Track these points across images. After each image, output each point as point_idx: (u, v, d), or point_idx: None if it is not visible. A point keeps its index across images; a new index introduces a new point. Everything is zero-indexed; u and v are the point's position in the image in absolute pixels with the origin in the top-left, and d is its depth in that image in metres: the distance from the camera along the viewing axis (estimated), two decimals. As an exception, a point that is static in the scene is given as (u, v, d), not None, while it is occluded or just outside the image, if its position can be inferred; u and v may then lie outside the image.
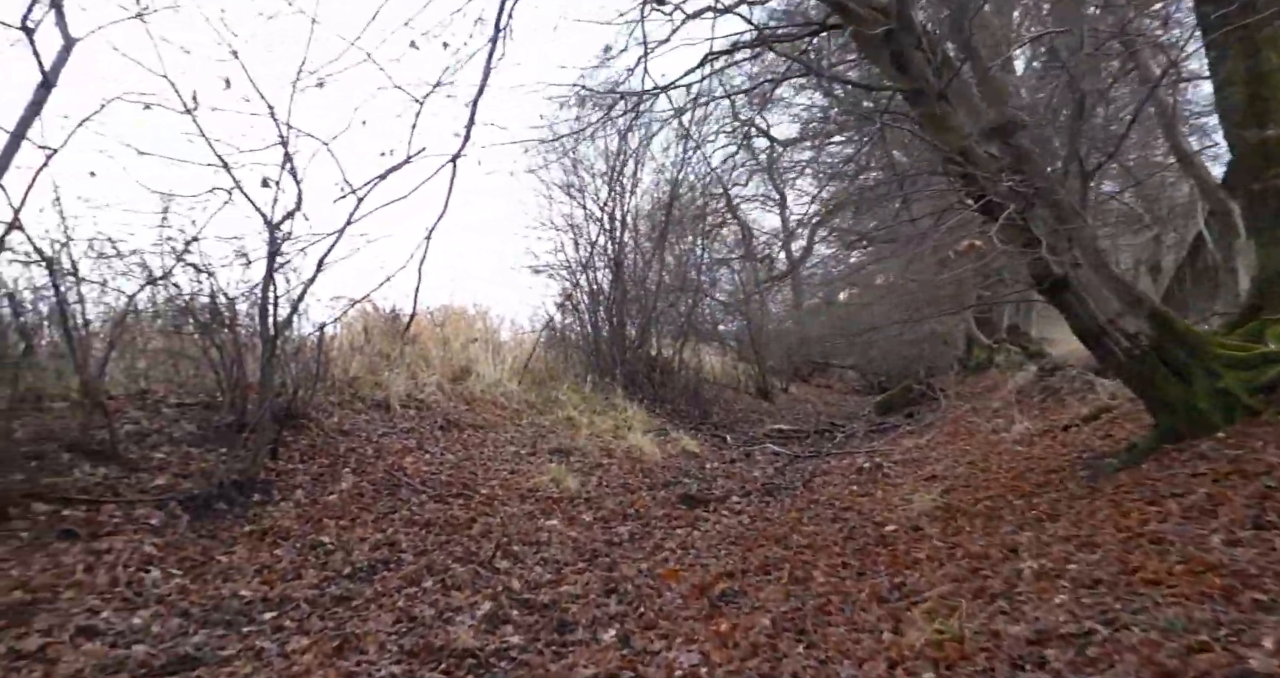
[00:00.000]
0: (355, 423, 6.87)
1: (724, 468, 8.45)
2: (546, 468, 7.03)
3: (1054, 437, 6.23)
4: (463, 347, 9.59)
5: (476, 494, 5.99)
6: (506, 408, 9.04)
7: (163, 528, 4.07)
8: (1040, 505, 4.11)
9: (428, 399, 8.11)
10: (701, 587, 4.03)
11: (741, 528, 5.47)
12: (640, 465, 7.99)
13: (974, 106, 5.12)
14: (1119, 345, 4.54)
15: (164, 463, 4.79)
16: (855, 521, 5.12)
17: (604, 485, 6.96)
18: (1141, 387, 4.61)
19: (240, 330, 5.96)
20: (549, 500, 6.17)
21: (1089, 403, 6.81)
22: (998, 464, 5.82)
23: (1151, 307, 4.57)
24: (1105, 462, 4.65)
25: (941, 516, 4.58)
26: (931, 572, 3.50)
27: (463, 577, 4.16)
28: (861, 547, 4.35)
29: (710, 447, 10.01)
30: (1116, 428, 5.61)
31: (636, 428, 9.75)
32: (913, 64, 4.96)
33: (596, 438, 8.74)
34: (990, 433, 7.65)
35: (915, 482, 6.06)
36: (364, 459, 6.07)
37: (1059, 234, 4.67)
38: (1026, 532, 3.67)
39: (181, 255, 5.50)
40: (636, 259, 13.55)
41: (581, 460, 7.70)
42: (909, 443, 8.45)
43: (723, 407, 14.23)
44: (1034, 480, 4.87)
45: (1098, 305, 4.59)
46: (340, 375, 7.67)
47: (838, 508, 5.64)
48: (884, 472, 6.75)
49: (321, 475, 5.54)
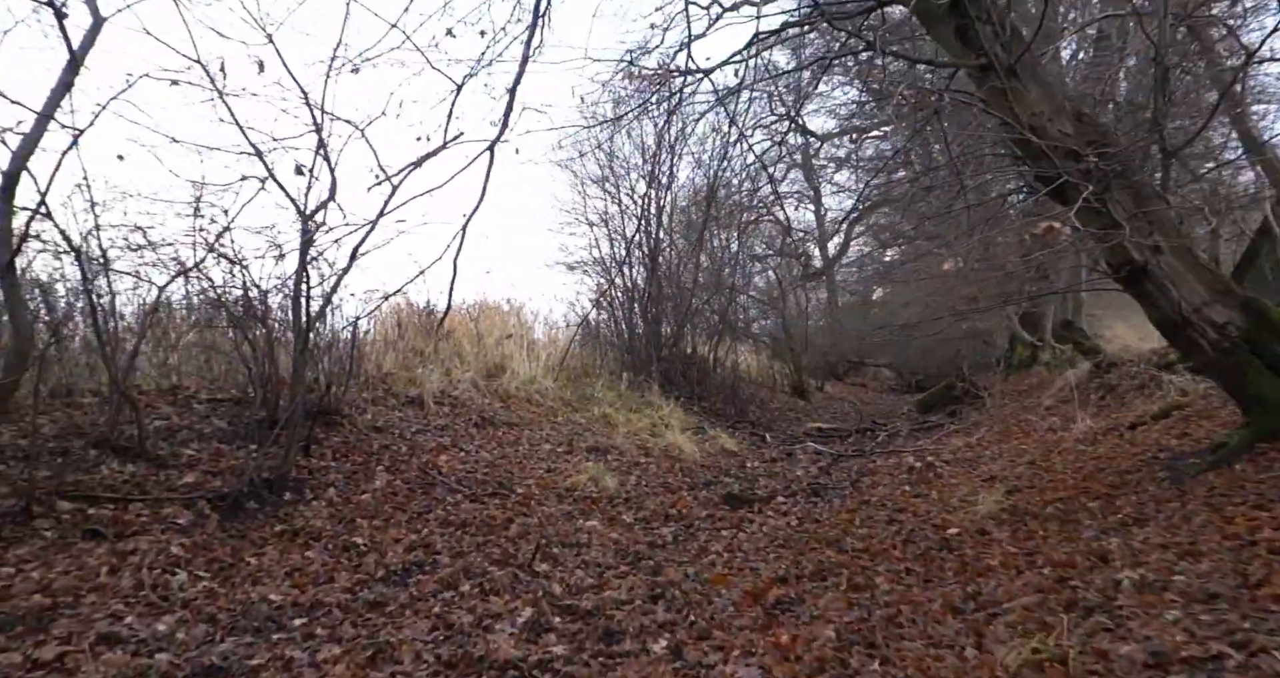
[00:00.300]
0: (389, 420, 6.71)
1: (765, 467, 8.18)
2: (584, 467, 6.81)
3: (1120, 435, 5.87)
4: (497, 343, 9.42)
5: (513, 493, 5.79)
6: (542, 405, 8.85)
7: (191, 528, 3.91)
8: (1122, 508, 3.79)
9: (462, 396, 7.95)
10: (754, 593, 3.77)
11: (790, 530, 5.19)
12: (679, 464, 7.75)
13: (1046, 83, 4.79)
14: (1205, 337, 4.20)
15: (194, 460, 4.64)
16: (912, 523, 4.82)
17: (643, 485, 6.72)
18: (1231, 382, 4.26)
19: (273, 324, 5.82)
20: (587, 500, 5.95)
21: (1155, 400, 6.42)
22: (1062, 464, 5.48)
23: (1243, 296, 4.22)
24: (1189, 463, 4.31)
25: (1009, 518, 4.28)
26: (1009, 580, 3.21)
27: (501, 581, 3.94)
28: (924, 552, 4.06)
29: (749, 445, 9.74)
30: (1192, 426, 5.24)
31: (674, 426, 9.50)
32: (980, 38, 4.65)
33: (633, 436, 8.51)
34: (1048, 432, 7.28)
35: (972, 482, 5.74)
36: (398, 457, 5.91)
37: (1138, 218, 4.34)
38: (1113, 537, 3.36)
39: (213, 246, 5.37)
40: (672, 255, 13.31)
41: (619, 459, 7.48)
42: (958, 442, 8.11)
43: (759, 405, 13.94)
44: (1107, 482, 4.54)
45: (1182, 294, 4.25)
46: (374, 371, 7.53)
47: (891, 510, 5.34)
48: (936, 472, 6.44)
49: (354, 474, 5.37)
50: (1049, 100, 4.75)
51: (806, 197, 24.63)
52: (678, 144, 12.38)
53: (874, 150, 23.28)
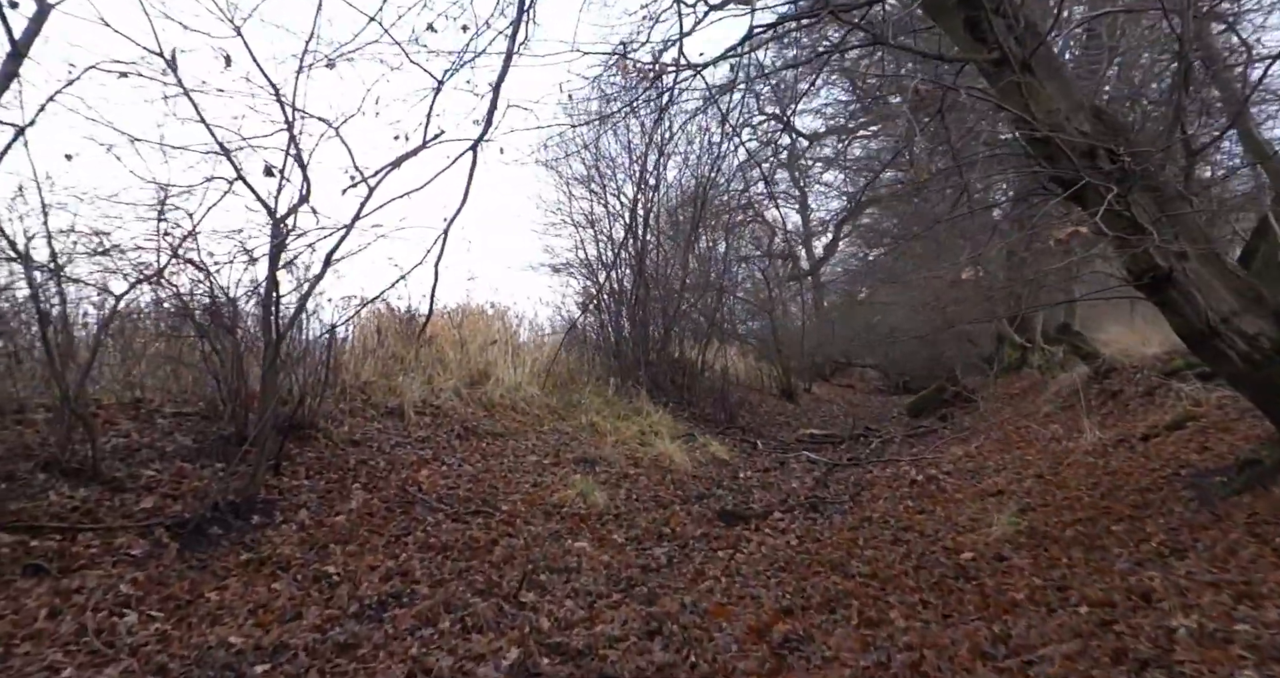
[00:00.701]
0: (367, 432, 6.39)
1: (759, 478, 7.91)
2: (571, 480, 6.52)
3: (1132, 448, 5.65)
4: (481, 349, 9.10)
5: (497, 512, 5.49)
6: (527, 414, 8.55)
7: (146, 560, 3.58)
8: (1154, 535, 3.54)
9: (444, 405, 7.63)
10: (758, 628, 3.50)
11: (790, 551, 4.93)
12: (670, 476, 7.47)
13: (1063, 78, 4.54)
14: (1235, 349, 3.96)
15: (153, 482, 4.31)
16: (921, 545, 4.57)
17: (634, 499, 6.44)
18: (1263, 397, 4.02)
19: (242, 334, 5.49)
20: (576, 518, 5.66)
21: (1165, 410, 6.21)
22: (1074, 480, 5.24)
23: (1276, 305, 3.99)
24: (1216, 482, 4.08)
25: (1027, 542, 4.03)
26: (1041, 621, 2.95)
27: (485, 614, 3.65)
28: (939, 580, 3.80)
29: (741, 454, 9.48)
30: (1211, 439, 5.02)
31: (663, 434, 9.24)
32: (992, 30, 4.40)
33: (622, 445, 8.22)
34: (1051, 441, 7.06)
35: (978, 497, 5.50)
36: (376, 473, 5.59)
37: (1162, 222, 4.10)
38: (1151, 571, 3.11)
39: (177, 251, 5.03)
40: (659, 257, 13.05)
41: (608, 471, 7.19)
42: (958, 451, 7.87)
43: (748, 409, 13.70)
44: (1128, 501, 4.31)
45: (1209, 303, 4.01)
46: (351, 380, 7.20)
47: (895, 528, 5.09)
48: (939, 485, 6.19)
49: (329, 493, 5.05)
50: (1066, 97, 4.50)
51: (793, 197, 24.45)
52: (666, 144, 12.11)
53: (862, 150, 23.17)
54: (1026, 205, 8.92)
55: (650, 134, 10.94)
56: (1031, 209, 9.94)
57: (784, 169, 21.57)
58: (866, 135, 20.78)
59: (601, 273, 12.42)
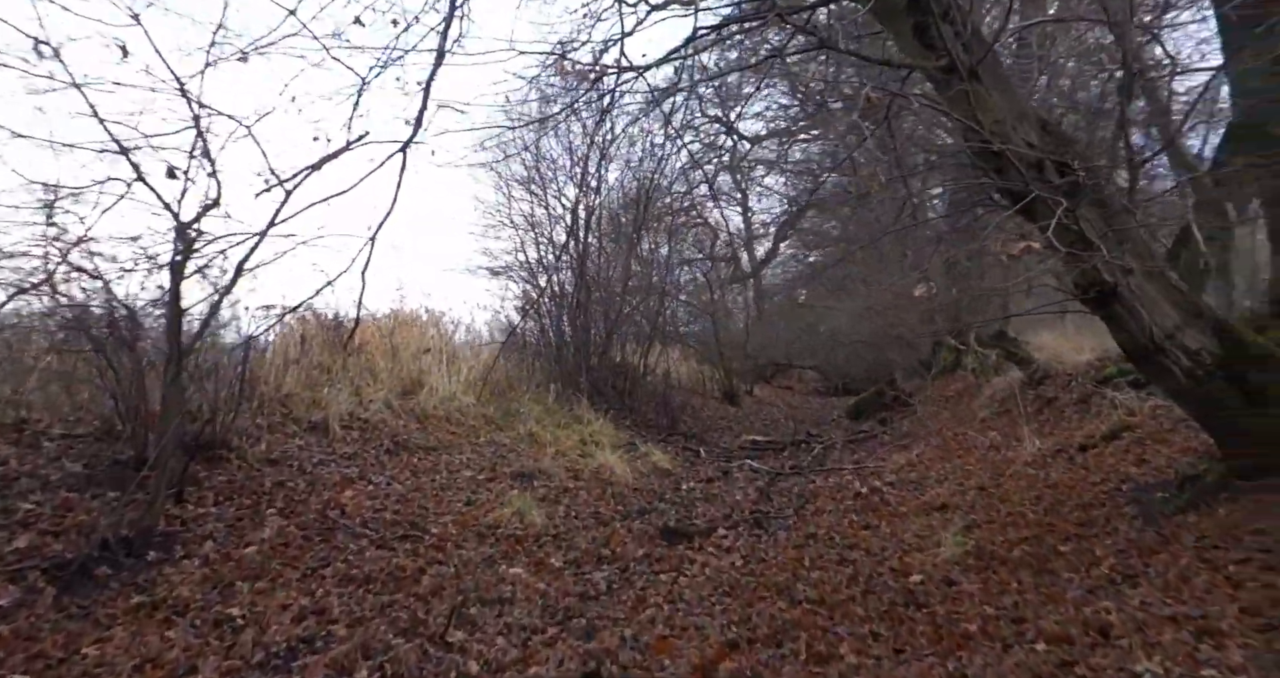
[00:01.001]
0: (287, 450, 5.98)
1: (702, 489, 7.73)
2: (508, 497, 6.23)
3: (1071, 458, 5.62)
4: (414, 357, 8.71)
5: (427, 535, 5.16)
6: (462, 425, 8.20)
7: (14, 610, 3.18)
8: (1103, 558, 3.44)
9: (373, 418, 7.23)
10: (703, 666, 3.29)
11: (735, 573, 4.73)
12: (611, 489, 7.23)
13: (1010, 88, 4.45)
14: (1178, 365, 3.91)
15: (31, 517, 3.87)
16: (868, 565, 4.42)
17: (573, 517, 6.18)
18: (1204, 413, 3.98)
19: (144, 348, 5.05)
20: (511, 540, 5.37)
21: (1100, 418, 6.22)
22: (1016, 492, 5.17)
23: (1216, 319, 3.95)
24: (1157, 497, 4.03)
25: (975, 564, 3.90)
26: (997, 658, 2.80)
27: (407, 659, 3.35)
28: (888, 608, 3.64)
29: (683, 462, 9.29)
30: (1149, 451, 5.00)
31: (604, 443, 9.00)
32: (941, 37, 4.28)
33: (562, 457, 7.95)
34: (990, 449, 7.04)
35: (923, 511, 5.40)
36: (294, 496, 5.20)
37: (1108, 236, 4.03)
38: (1105, 600, 2.99)
39: (66, 257, 4.58)
40: (601, 259, 12.81)
41: (547, 485, 6.91)
42: (899, 459, 7.82)
43: (691, 414, 13.56)
44: (1072, 518, 4.23)
45: (1153, 318, 3.96)
46: (271, 393, 6.75)
47: (841, 546, 4.94)
48: (883, 498, 6.09)
49: (240, 521, 4.66)
50: (1013, 107, 4.41)
51: (735, 199, 24.49)
52: (608, 146, 11.88)
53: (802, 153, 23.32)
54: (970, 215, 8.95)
55: (592, 136, 10.69)
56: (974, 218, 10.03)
57: (726, 172, 21.58)
58: (807, 138, 20.91)
59: (542, 276, 12.12)
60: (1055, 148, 4.36)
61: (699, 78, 5.73)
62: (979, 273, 12.92)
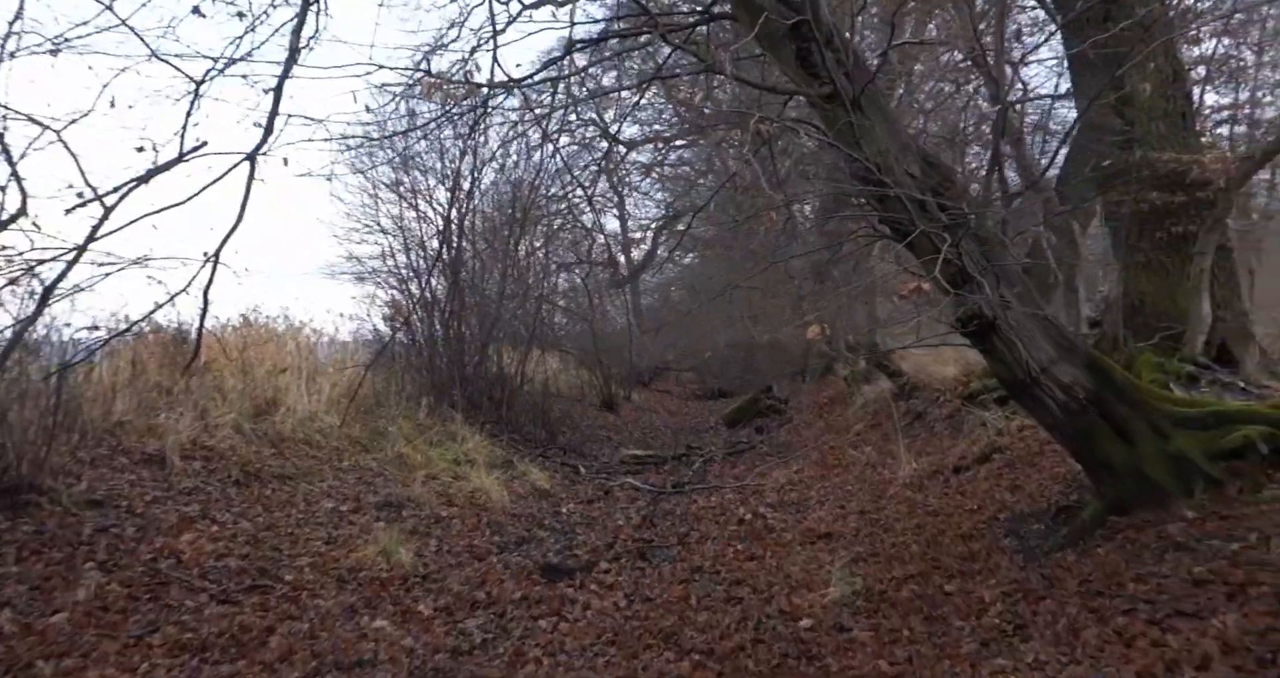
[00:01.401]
0: (114, 487, 5.28)
1: (582, 512, 7.48)
2: (373, 531, 5.77)
3: (947, 481, 5.75)
4: (269, 375, 8.00)
5: (279, 584, 4.67)
6: (324, 448, 7.59)
7: None
8: (991, 604, 3.44)
9: (219, 445, 6.54)
10: (586, 738, 3.04)
11: (619, 617, 4.51)
12: (487, 516, 6.86)
13: (893, 119, 4.44)
14: (1053, 398, 4.00)
15: None
16: (756, 605, 4.30)
17: (445, 552, 5.79)
18: (1079, 447, 4.09)
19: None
20: (376, 584, 4.94)
21: (974, 438, 6.42)
22: (897, 519, 5.23)
23: (1087, 353, 4.07)
24: (1035, 529, 4.11)
25: (865, 607, 3.85)
26: (895, 725, 2.70)
27: (248, 752, 2.92)
28: (780, 662, 3.51)
29: (563, 481, 9.02)
30: (1020, 475, 5.16)
31: (480, 462, 8.60)
32: (824, 64, 4.21)
33: (434, 481, 7.50)
34: (867, 467, 7.16)
35: (807, 540, 5.36)
36: (120, 545, 4.57)
37: (987, 270, 4.08)
38: (999, 657, 2.96)
39: None
40: (475, 264, 12.31)
41: (416, 515, 6.47)
42: (779, 477, 7.85)
43: (570, 425, 13.28)
44: (954, 551, 4.26)
45: (1029, 352, 4.03)
46: (99, 421, 5.99)
47: (728, 582, 4.81)
48: (766, 523, 6.03)
49: (48, 580, 4.02)
50: (895, 138, 4.41)
51: (611, 203, 24.38)
52: (481, 148, 11.42)
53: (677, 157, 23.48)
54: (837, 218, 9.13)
55: (465, 138, 10.21)
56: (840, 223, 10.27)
57: (603, 175, 21.41)
58: (683, 144, 21.04)
59: (413, 282, 11.50)
60: (937, 181, 4.39)
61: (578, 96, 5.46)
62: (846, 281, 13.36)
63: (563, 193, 15.14)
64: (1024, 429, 6.03)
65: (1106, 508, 3.82)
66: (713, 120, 9.14)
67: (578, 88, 6.42)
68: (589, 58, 5.76)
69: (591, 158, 15.74)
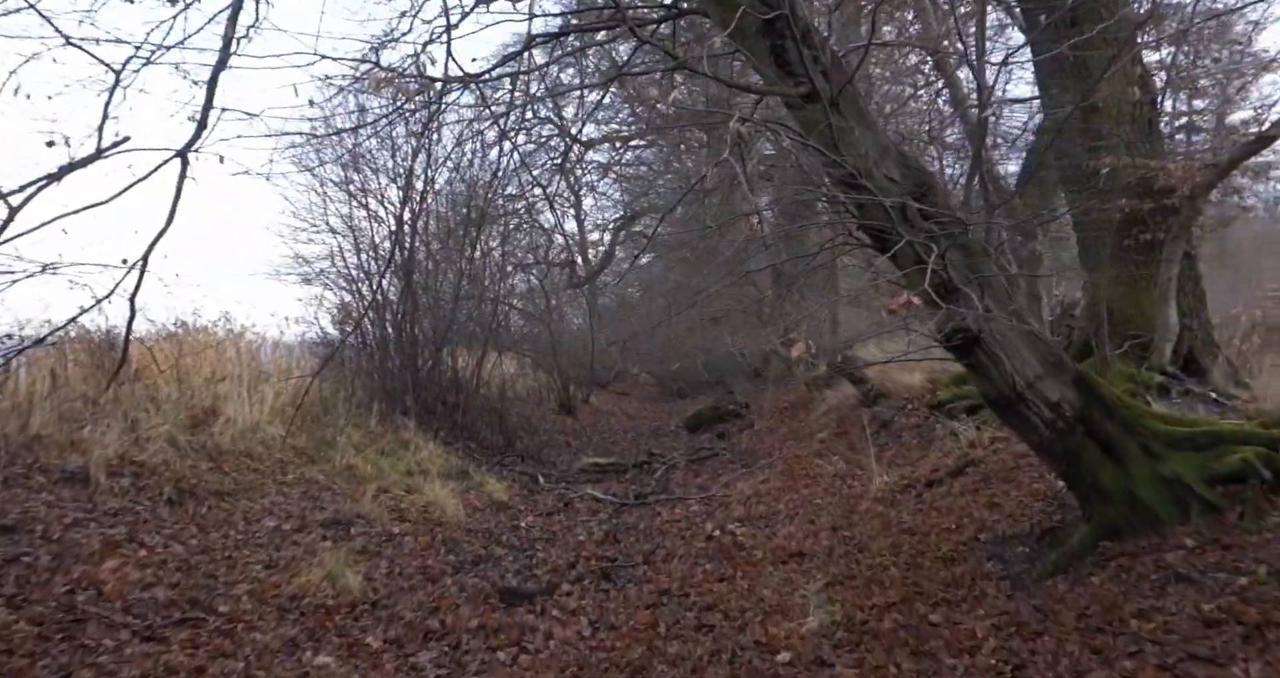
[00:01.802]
0: (29, 510, 4.83)
1: (542, 525, 7.17)
2: (319, 552, 5.40)
3: (920, 496, 5.59)
4: (208, 383, 7.53)
5: (212, 616, 4.29)
6: (266, 460, 7.15)
7: None
8: (983, 639, 3.24)
9: (151, 460, 6.07)
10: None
11: (584, 647, 4.23)
12: (442, 532, 6.53)
13: (872, 121, 4.24)
14: (1040, 416, 3.83)
15: None
16: (730, 634, 4.05)
17: (396, 574, 5.44)
18: (1068, 469, 3.92)
19: None
20: (320, 613, 4.58)
21: (945, 450, 6.28)
22: (871, 538, 5.04)
23: (1075, 369, 3.91)
24: (1020, 552, 3.94)
25: (847, 639, 3.63)
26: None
27: None
28: (760, 701, 3.27)
29: (521, 491, 8.70)
30: (998, 492, 5.01)
31: (434, 472, 8.25)
32: (802, 62, 3.98)
33: (385, 495, 7.13)
34: (836, 479, 6.98)
35: (778, 560, 5.15)
36: (32, 576, 4.15)
37: (971, 281, 3.89)
38: (999, 701, 2.76)
39: None
40: (429, 265, 11.89)
41: (366, 533, 6.11)
42: (745, 488, 7.64)
43: (528, 430, 12.96)
44: (936, 576, 4.07)
45: (1015, 366, 3.86)
46: (14, 436, 5.51)
47: (698, 608, 4.55)
48: (735, 540, 5.80)
49: (-55, 622, 3.60)
50: (874, 140, 4.20)
51: (569, 202, 24.02)
52: (435, 146, 11.02)
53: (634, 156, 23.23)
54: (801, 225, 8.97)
55: (418, 136, 9.81)
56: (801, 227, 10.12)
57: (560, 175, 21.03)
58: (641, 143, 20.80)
59: (364, 283, 11.04)
60: (916, 186, 4.19)
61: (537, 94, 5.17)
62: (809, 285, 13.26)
63: (520, 193, 14.80)
64: (996, 441, 5.91)
65: (1097, 533, 3.66)
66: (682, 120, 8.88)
67: (537, 84, 6.12)
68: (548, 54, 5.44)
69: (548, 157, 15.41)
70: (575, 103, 13.70)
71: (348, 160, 10.27)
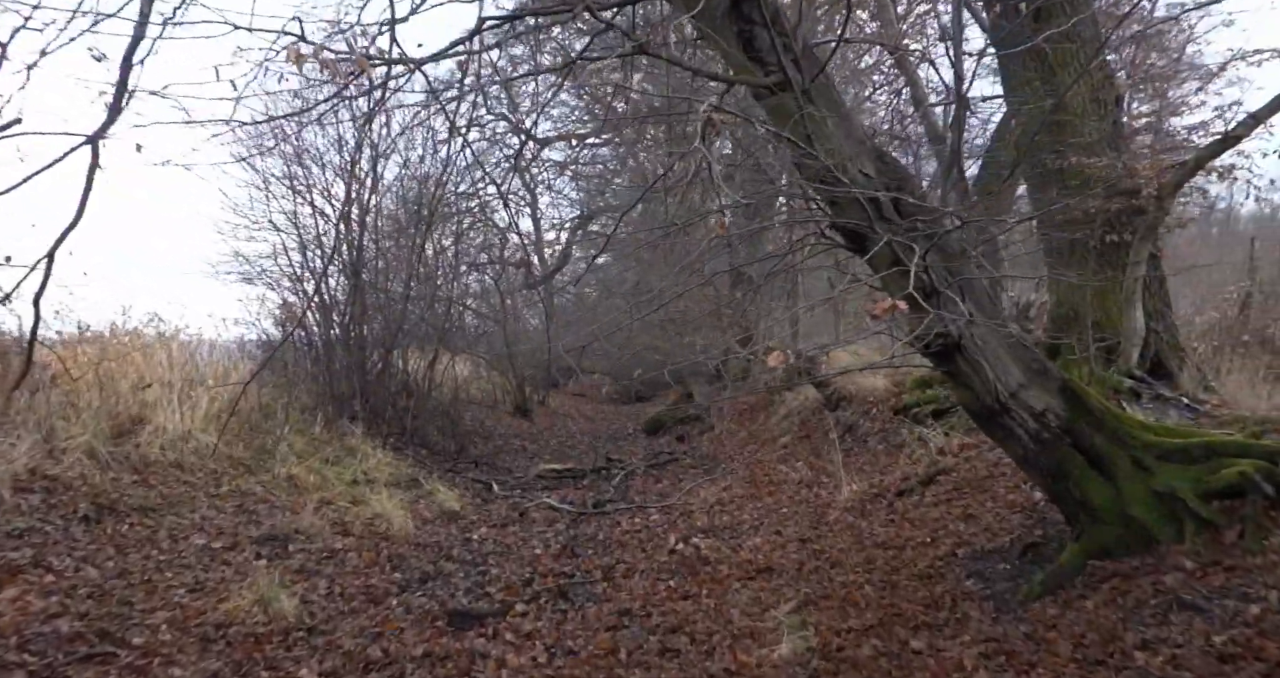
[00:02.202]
0: (-82, 534, 4.36)
1: (495, 537, 6.82)
2: (251, 573, 4.98)
3: (891, 505, 5.38)
4: (135, 389, 7.00)
5: (125, 649, 3.87)
6: (198, 471, 6.67)
7: None
8: (970, 672, 3.00)
9: (66, 473, 5.58)
10: None
11: (539, 676, 3.90)
12: (388, 547, 6.14)
13: (847, 113, 4.00)
14: (1024, 427, 3.63)
15: None
16: (696, 661, 3.77)
17: (336, 595, 5.06)
18: (1054, 484, 3.71)
19: None
20: (249, 643, 4.19)
21: (914, 458, 6.09)
22: (842, 552, 4.80)
23: (1061, 377, 3.71)
24: (1001, 569, 3.73)
25: (824, 668, 3.36)
26: None
27: None
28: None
29: (474, 500, 8.33)
30: (972, 503, 4.81)
31: (381, 481, 7.85)
32: (771, 48, 3.73)
33: (328, 507, 6.70)
34: (801, 487, 6.76)
35: (745, 575, 4.88)
36: (-86, 611, 3.70)
37: (951, 284, 3.67)
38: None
39: None
40: (378, 264, 11.42)
41: (305, 550, 5.71)
42: (707, 495, 7.38)
43: (482, 435, 12.58)
44: (915, 596, 3.84)
45: (997, 374, 3.65)
46: (-95, 450, 4.99)
47: (662, 630, 4.25)
48: (699, 553, 5.52)
49: None
50: (849, 134, 3.97)
51: (524, 201, 23.58)
52: (382, 140, 10.56)
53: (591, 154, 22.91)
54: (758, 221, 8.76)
55: (363, 129, 9.35)
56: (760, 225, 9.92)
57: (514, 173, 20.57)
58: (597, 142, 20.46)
59: (309, 282, 10.52)
60: (892, 182, 3.97)
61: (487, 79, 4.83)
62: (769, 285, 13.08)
63: (473, 190, 14.37)
64: (966, 448, 5.74)
65: (1086, 551, 3.45)
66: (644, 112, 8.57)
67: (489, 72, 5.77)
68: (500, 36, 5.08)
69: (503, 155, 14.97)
70: (530, 99, 13.36)
71: (290, 154, 9.75)
